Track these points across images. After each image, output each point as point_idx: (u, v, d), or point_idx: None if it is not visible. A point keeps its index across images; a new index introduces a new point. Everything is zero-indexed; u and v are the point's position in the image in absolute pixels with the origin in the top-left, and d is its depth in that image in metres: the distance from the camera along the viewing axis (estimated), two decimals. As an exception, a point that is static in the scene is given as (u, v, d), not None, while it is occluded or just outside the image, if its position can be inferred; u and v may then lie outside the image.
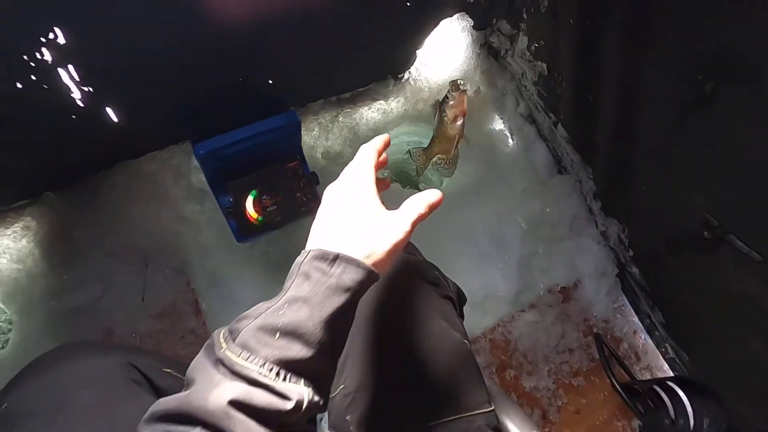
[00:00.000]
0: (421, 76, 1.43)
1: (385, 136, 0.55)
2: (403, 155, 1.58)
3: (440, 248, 1.29)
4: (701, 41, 0.78)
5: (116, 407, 0.54)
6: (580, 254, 1.36)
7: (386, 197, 1.27)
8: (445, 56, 1.43)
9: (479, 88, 1.49)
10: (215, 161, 1.09)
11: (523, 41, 1.32)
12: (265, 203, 1.10)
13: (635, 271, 1.26)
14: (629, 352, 1.31)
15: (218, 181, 1.12)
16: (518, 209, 1.38)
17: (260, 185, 1.10)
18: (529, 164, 1.44)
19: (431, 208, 0.51)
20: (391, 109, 1.43)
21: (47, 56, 0.80)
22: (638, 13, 0.89)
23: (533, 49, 1.30)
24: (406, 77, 1.42)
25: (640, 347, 1.32)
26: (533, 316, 1.28)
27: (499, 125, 1.49)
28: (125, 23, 0.82)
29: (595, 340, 1.24)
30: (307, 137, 1.34)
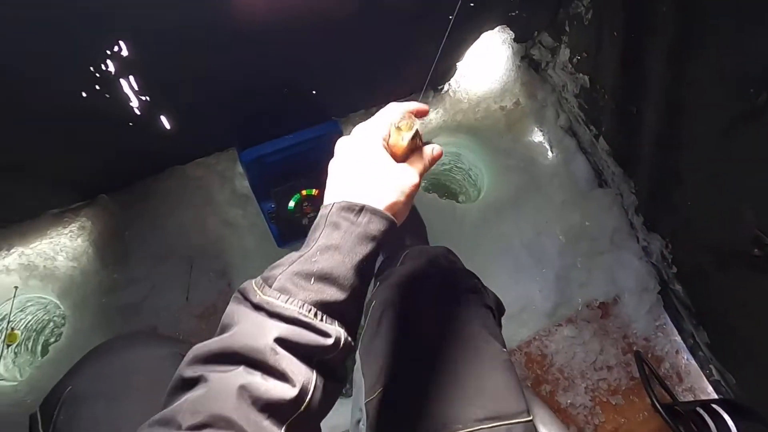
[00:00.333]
0: (460, 88, 1.44)
1: (420, 105, 0.56)
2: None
3: (477, 259, 1.29)
4: (752, 52, 0.76)
5: None
6: (620, 269, 1.33)
7: (424, 209, 1.28)
8: (485, 69, 1.44)
9: (519, 99, 1.48)
10: (259, 168, 1.13)
11: (564, 53, 1.32)
12: (305, 210, 1.13)
13: (679, 288, 1.22)
14: (671, 372, 1.27)
15: (262, 187, 1.16)
16: (557, 222, 1.37)
17: (302, 192, 1.14)
18: (569, 177, 1.42)
19: (433, 161, 0.56)
20: (429, 120, 1.45)
21: (111, 67, 0.85)
22: (685, 24, 0.88)
23: (575, 61, 1.29)
24: (445, 89, 1.43)
25: (682, 367, 1.27)
26: (570, 330, 1.26)
27: (538, 137, 1.48)
28: (183, 38, 0.87)
29: (635, 358, 1.21)
30: (347, 146, 1.36)
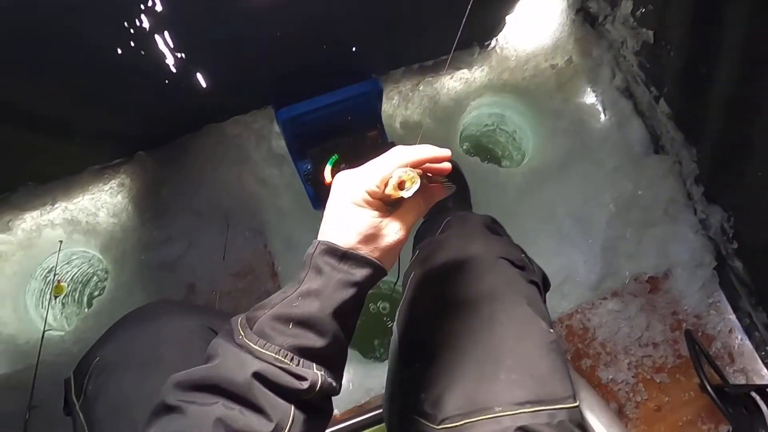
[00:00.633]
0: (508, 44, 1.35)
1: (435, 152, 0.49)
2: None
3: (519, 226, 1.24)
4: None
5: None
6: (673, 242, 1.25)
7: (464, 172, 1.22)
8: (536, 23, 1.34)
9: (571, 57, 1.38)
10: (296, 127, 1.09)
11: (626, 6, 1.20)
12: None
13: (738, 265, 1.14)
14: (722, 352, 1.20)
15: (298, 147, 1.13)
16: (607, 189, 1.29)
17: (339, 153, 1.10)
18: (622, 142, 1.33)
19: (428, 206, 0.53)
20: (474, 78, 1.37)
21: (145, 23, 0.82)
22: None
23: (639, 14, 1.17)
24: (492, 45, 1.34)
25: (735, 348, 1.20)
26: (615, 304, 1.20)
27: (590, 98, 1.38)
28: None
29: (685, 336, 1.14)
30: (386, 105, 1.31)
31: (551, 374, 0.54)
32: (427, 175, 0.52)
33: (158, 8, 0.80)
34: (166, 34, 0.86)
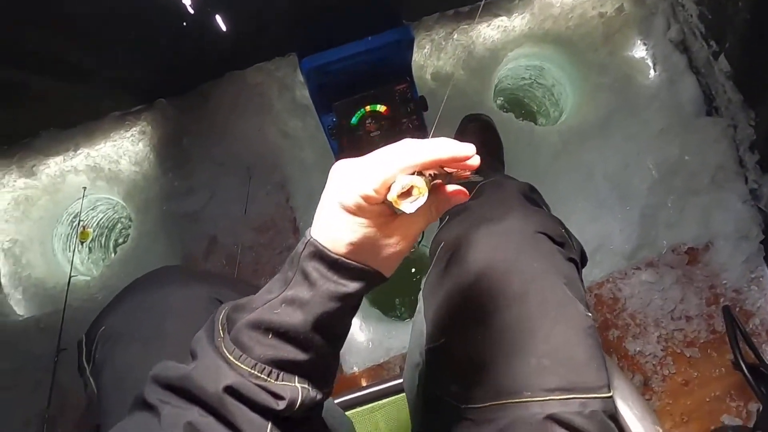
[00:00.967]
0: (554, -12, 1.23)
1: (461, 149, 0.38)
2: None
3: (552, 189, 1.17)
4: None
5: None
6: (718, 212, 1.17)
7: (498, 129, 1.15)
8: (586, -36, 1.22)
9: (622, 5, 1.26)
10: (321, 77, 1.03)
11: (691, -54, 1.07)
12: (369, 128, 1.04)
13: (788, 239, 1.06)
14: (760, 329, 1.15)
15: (322, 98, 1.07)
16: (651, 153, 1.20)
17: (365, 107, 1.04)
18: (671, 101, 1.23)
19: (441, 212, 0.44)
20: (513, 27, 1.27)
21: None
22: None
23: (705, -44, 1.05)
24: (536, -11, 1.23)
25: (774, 325, 1.15)
26: (650, 275, 1.15)
27: (640, 51, 1.27)
28: None
29: (723, 311, 1.09)
30: (417, 55, 1.23)
31: (586, 362, 0.50)
32: (446, 172, 0.42)
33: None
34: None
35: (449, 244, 0.60)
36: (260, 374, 0.38)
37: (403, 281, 1.30)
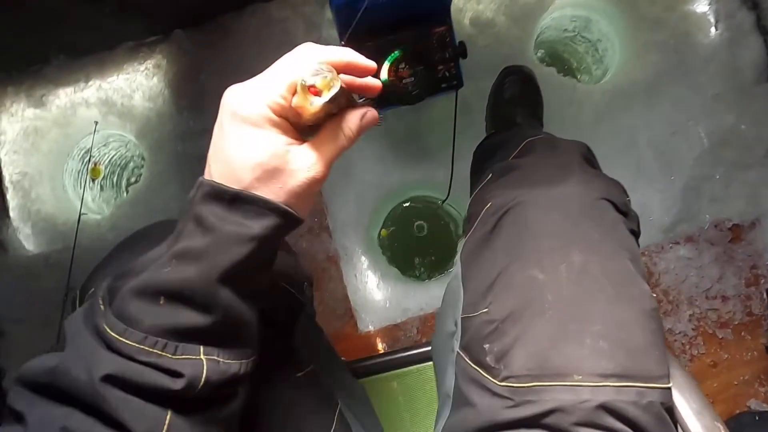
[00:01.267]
0: (614, -73, 1.11)
1: (351, 56, 0.36)
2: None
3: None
4: None
5: None
6: (768, 188, 1.09)
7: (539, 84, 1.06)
8: None
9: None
10: (351, 15, 0.94)
11: None
12: (401, 74, 0.95)
13: None
14: (799, 314, 1.09)
15: (352, 39, 0.98)
16: (702, 120, 1.11)
17: (401, 50, 0.95)
18: (731, 64, 1.12)
19: (359, 132, 0.38)
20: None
21: None
22: None
23: None
24: (593, -72, 1.11)
25: (814, 311, 1.09)
26: (688, 251, 1.08)
27: (702, 6, 1.15)
28: None
29: (766, 293, 1.03)
30: (456, -3, 1.13)
31: (647, 348, 0.44)
32: (350, 94, 0.38)
33: None
34: None
35: (496, 205, 0.53)
36: (152, 349, 0.31)
37: (423, 241, 1.24)
